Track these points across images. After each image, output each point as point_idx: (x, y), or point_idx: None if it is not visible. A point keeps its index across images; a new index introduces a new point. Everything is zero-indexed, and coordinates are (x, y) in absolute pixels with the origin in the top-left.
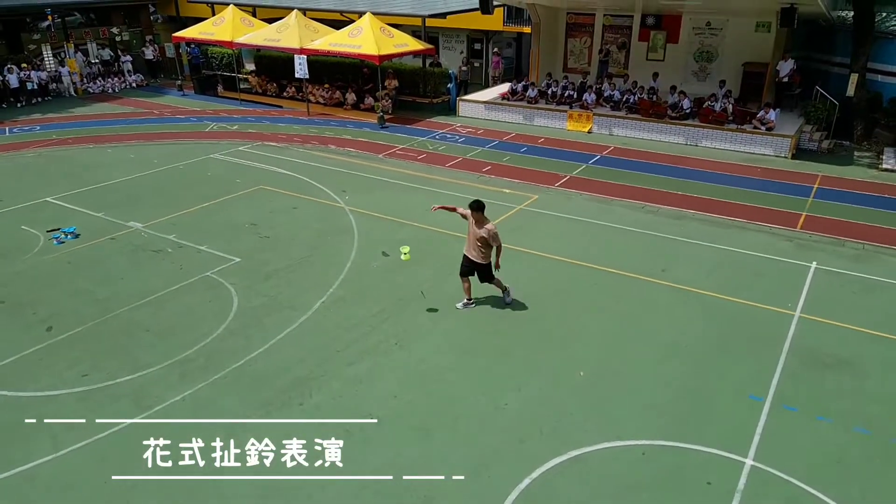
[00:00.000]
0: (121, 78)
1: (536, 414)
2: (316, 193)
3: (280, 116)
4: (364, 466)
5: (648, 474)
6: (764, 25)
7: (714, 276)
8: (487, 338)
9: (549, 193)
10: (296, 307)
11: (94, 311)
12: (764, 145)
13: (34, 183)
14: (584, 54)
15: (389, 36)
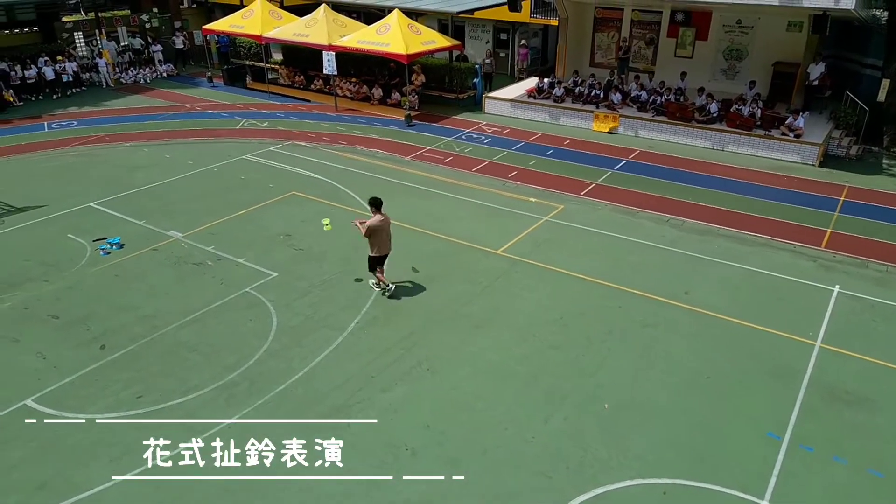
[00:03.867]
0: (152, 67)
1: (562, 448)
2: (346, 200)
3: (308, 112)
4: (387, 496)
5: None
6: (796, 25)
7: (736, 300)
8: (514, 364)
9: (575, 203)
10: (332, 326)
11: (143, 329)
12: (791, 152)
13: (77, 186)
14: (612, 49)
15: (417, 33)
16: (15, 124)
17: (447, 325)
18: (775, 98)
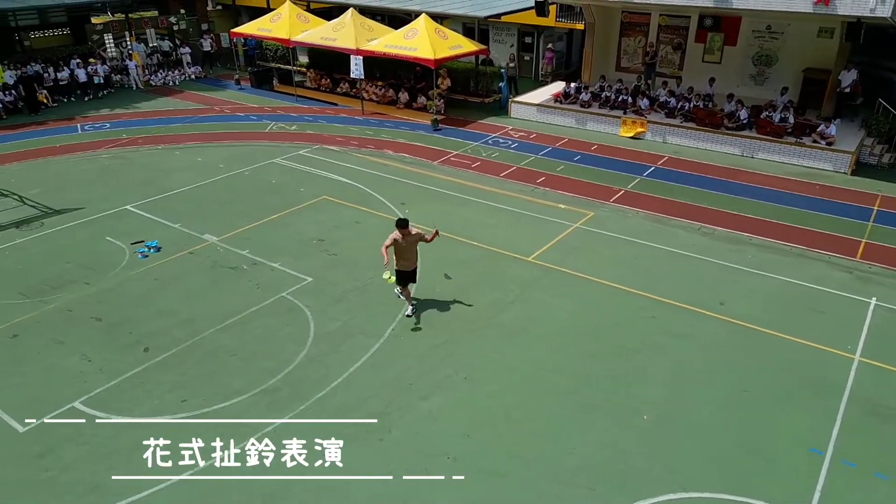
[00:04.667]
0: (180, 70)
1: (603, 459)
2: (376, 205)
3: (335, 115)
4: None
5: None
6: (827, 31)
7: (772, 312)
8: (550, 375)
9: (605, 210)
10: (368, 333)
11: (183, 333)
12: (823, 160)
13: (113, 189)
14: (638, 54)
15: (444, 38)
16: (49, 126)
17: (482, 333)
18: (805, 105)
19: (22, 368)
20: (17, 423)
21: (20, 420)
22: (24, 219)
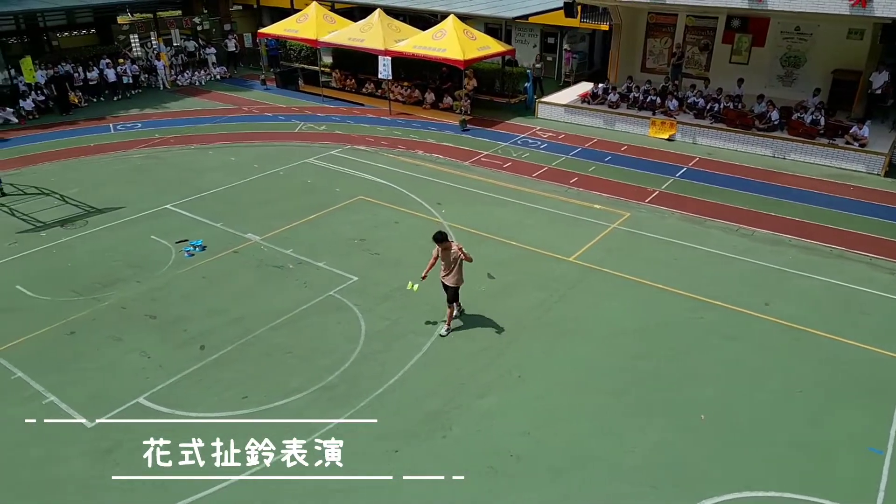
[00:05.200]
0: (206, 70)
1: (663, 458)
2: (412, 206)
3: (363, 115)
4: (502, 502)
5: None
6: (857, 32)
7: (818, 313)
8: (602, 375)
9: (641, 210)
10: (418, 332)
11: (237, 331)
12: (856, 161)
13: (150, 188)
14: (664, 55)
15: (472, 38)
16: (81, 126)
17: (531, 333)
18: (835, 106)
19: (82, 365)
20: (85, 419)
21: (88, 416)
22: (67, 217)
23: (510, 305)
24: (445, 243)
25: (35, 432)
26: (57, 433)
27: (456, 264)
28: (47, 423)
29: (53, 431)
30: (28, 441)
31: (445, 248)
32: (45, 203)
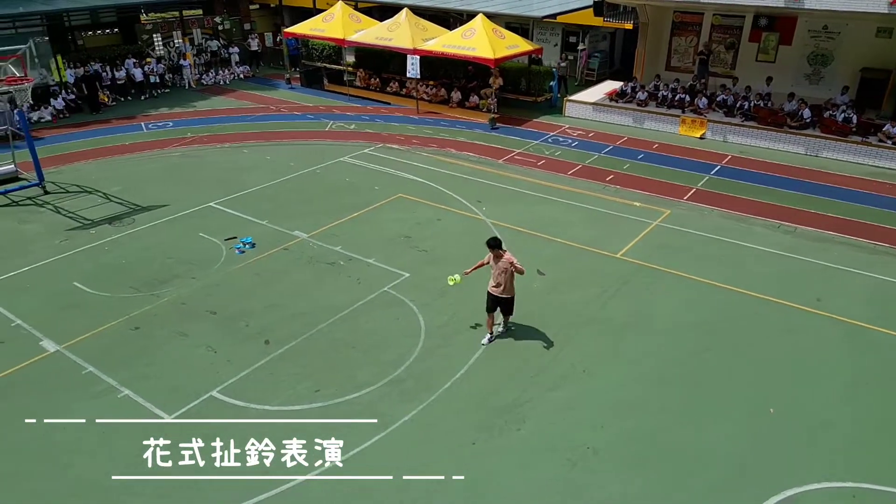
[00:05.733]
0: (229, 69)
1: (740, 449)
2: (452, 203)
3: (391, 115)
4: (587, 495)
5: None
6: (885, 31)
7: (871, 309)
8: (669, 368)
9: (681, 208)
10: (478, 327)
11: (299, 326)
12: (890, 159)
13: (191, 186)
14: (689, 53)
15: (501, 37)
16: (113, 124)
17: (589, 328)
18: (863, 104)
19: (151, 360)
20: (164, 413)
21: (166, 410)
22: (114, 215)
23: (564, 301)
24: (497, 250)
25: (115, 426)
26: (136, 428)
27: (506, 274)
28: (125, 418)
29: (132, 426)
30: (110, 435)
31: (497, 255)
32: (89, 201)
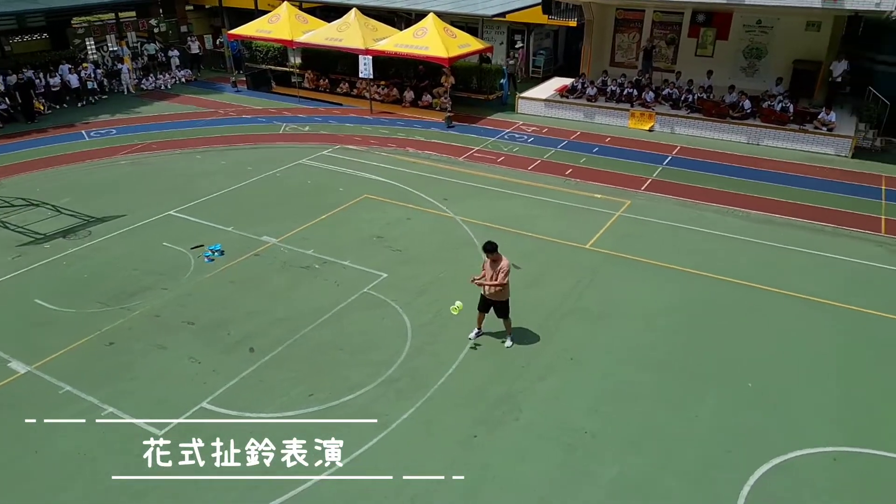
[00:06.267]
0: (170, 73)
1: (727, 424)
2: (419, 202)
3: (344, 115)
4: (591, 476)
5: (847, 478)
6: (814, 25)
7: (823, 284)
8: (651, 352)
9: (640, 198)
10: (462, 323)
11: (283, 332)
12: (825, 145)
13: (145, 194)
14: (633, 49)
15: (453, 36)
16: (52, 133)
17: (571, 317)
18: (796, 94)
19: (133, 374)
20: (154, 428)
21: (156, 425)
22: (68, 228)
23: (544, 293)
24: (495, 255)
25: (103, 445)
26: (127, 444)
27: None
28: (115, 435)
29: (123, 443)
30: (100, 454)
31: (494, 259)
32: (38, 214)
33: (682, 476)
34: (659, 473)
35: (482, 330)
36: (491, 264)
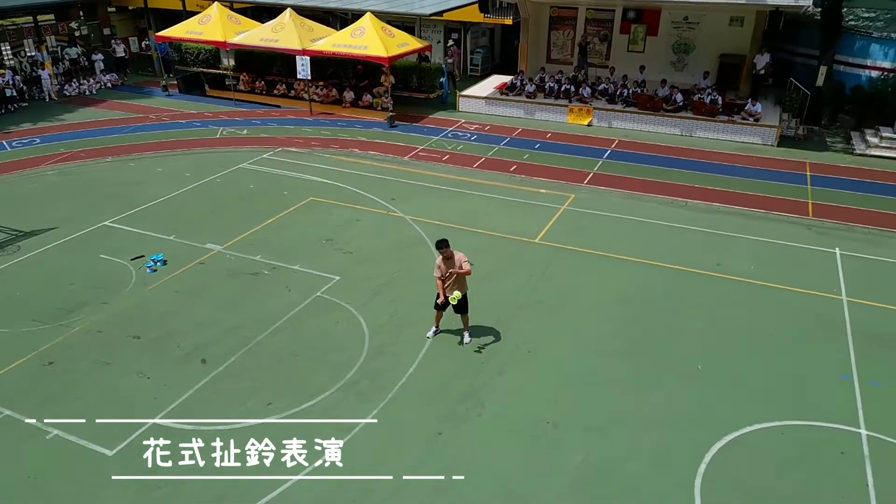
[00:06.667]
0: (95, 77)
1: (681, 406)
2: (368, 203)
3: (283, 118)
4: (557, 465)
5: (795, 449)
6: (738, 20)
7: (764, 268)
8: (604, 341)
9: (583, 191)
10: (419, 322)
11: (235, 341)
12: (753, 135)
13: (76, 205)
14: (568, 46)
15: (391, 36)
16: None
17: (526, 310)
18: (723, 87)
19: (77, 394)
20: (105, 449)
21: (106, 445)
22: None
23: (497, 288)
24: (447, 251)
25: (53, 469)
26: (77, 468)
27: (452, 277)
28: (65, 460)
29: (73, 467)
30: (51, 481)
31: (448, 256)
32: None
33: (643, 459)
34: (621, 458)
35: (440, 328)
36: (444, 261)
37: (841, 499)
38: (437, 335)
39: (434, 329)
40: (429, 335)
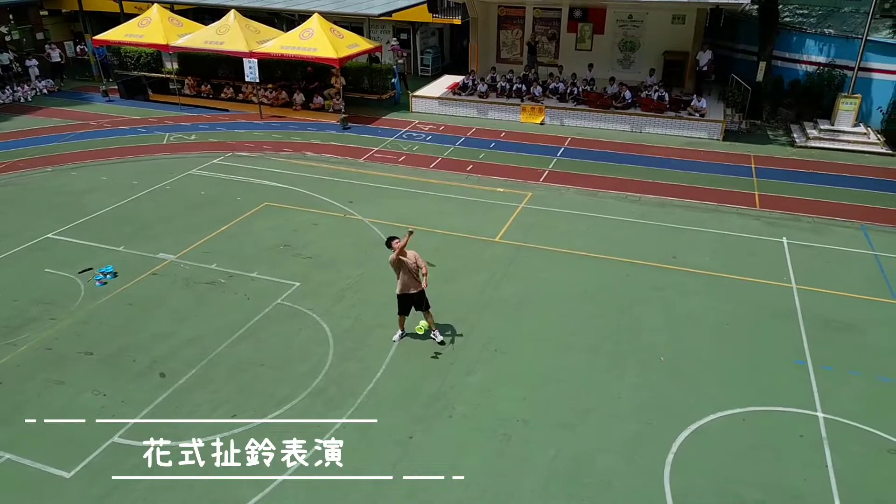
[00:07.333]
0: (29, 84)
1: (646, 398)
2: (324, 206)
3: (232, 121)
4: (529, 462)
5: (756, 435)
6: (679, 18)
7: (716, 259)
8: (569, 337)
9: (540, 189)
10: (385, 325)
11: (195, 352)
12: (699, 130)
13: (17, 217)
14: (517, 45)
15: (340, 37)
16: None
17: (491, 310)
18: (669, 83)
19: (29, 415)
20: (62, 471)
21: (63, 467)
22: None
23: (460, 288)
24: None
25: (6, 496)
26: (34, 493)
27: (401, 270)
28: (19, 485)
29: (29, 492)
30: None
31: (400, 251)
32: None
33: (612, 452)
34: (591, 452)
35: (405, 331)
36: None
37: (803, 481)
38: (403, 338)
39: (400, 332)
40: (395, 339)
